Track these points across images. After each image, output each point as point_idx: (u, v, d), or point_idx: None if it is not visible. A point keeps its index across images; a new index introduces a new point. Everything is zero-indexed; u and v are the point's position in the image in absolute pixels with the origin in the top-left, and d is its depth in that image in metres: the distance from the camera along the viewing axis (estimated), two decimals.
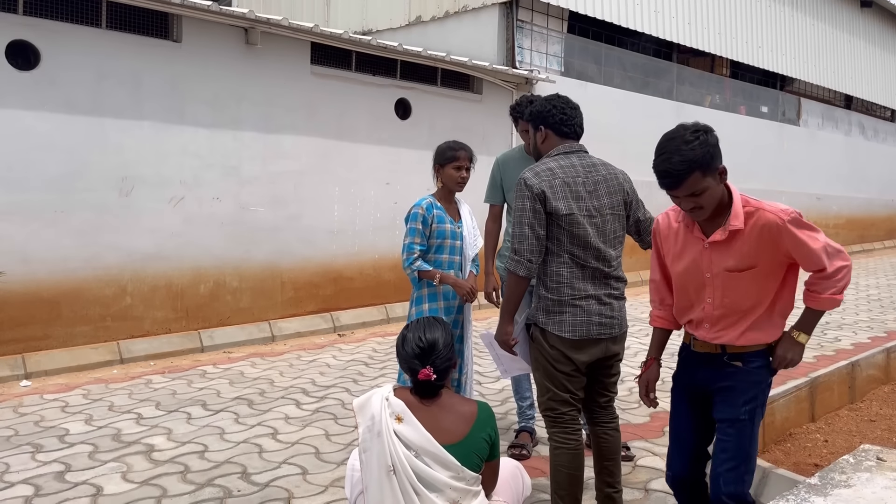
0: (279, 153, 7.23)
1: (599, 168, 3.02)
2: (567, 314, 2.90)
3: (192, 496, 3.42)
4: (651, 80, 12.31)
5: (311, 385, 5.36)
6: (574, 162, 2.98)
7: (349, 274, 7.84)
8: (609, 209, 2.98)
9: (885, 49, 19.26)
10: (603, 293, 2.94)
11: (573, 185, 2.91)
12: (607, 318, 2.95)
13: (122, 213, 6.17)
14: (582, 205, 2.91)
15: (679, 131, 2.43)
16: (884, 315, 8.23)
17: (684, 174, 2.37)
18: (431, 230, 3.74)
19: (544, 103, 3.11)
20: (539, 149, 3.14)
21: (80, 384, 5.34)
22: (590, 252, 2.91)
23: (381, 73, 8.10)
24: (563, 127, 3.06)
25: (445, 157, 3.79)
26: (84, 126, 5.95)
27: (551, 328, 2.92)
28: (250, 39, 6.90)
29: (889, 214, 19.81)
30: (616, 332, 3.00)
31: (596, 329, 2.92)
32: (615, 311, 2.99)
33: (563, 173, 2.92)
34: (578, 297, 2.90)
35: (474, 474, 2.33)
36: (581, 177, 2.95)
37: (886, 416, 5.23)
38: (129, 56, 6.17)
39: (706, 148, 2.37)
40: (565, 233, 2.89)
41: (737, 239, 2.47)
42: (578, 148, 3.06)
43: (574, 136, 3.08)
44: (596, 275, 2.94)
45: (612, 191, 3.00)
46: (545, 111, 3.08)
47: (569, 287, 2.91)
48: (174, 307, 6.51)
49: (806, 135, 16.14)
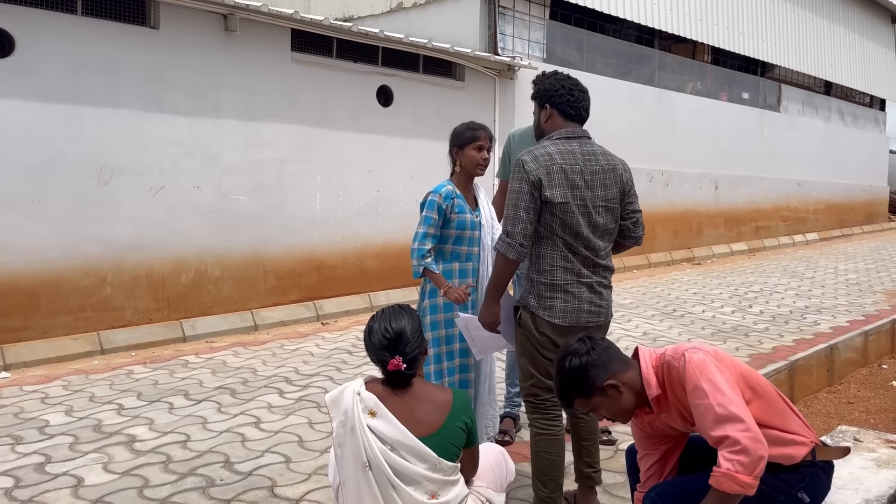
0: (260, 141, 7.17)
1: (599, 157, 2.93)
2: (558, 300, 2.87)
3: (174, 486, 3.40)
4: (633, 66, 12.32)
5: (295, 374, 5.34)
6: (574, 148, 2.90)
7: (332, 262, 7.82)
8: (602, 201, 2.91)
9: (864, 35, 19.40)
10: (594, 280, 2.92)
11: (570, 172, 2.84)
12: (596, 307, 2.93)
13: (100, 203, 6.11)
14: (577, 193, 2.84)
15: (559, 356, 2.40)
16: (862, 299, 8.33)
17: (568, 402, 2.39)
18: (451, 221, 3.47)
19: (553, 82, 3.00)
20: (542, 127, 3.03)
21: (60, 375, 5.30)
22: (580, 241, 2.88)
23: (363, 60, 8.05)
24: (570, 109, 2.96)
25: (465, 137, 3.53)
26: (61, 114, 5.87)
27: (542, 313, 2.89)
28: (229, 26, 6.82)
29: (868, 200, 20.03)
30: (602, 321, 2.99)
31: (585, 317, 2.90)
32: (604, 299, 2.97)
33: (562, 160, 2.85)
34: (571, 283, 2.87)
35: (452, 464, 2.32)
36: (579, 164, 2.87)
37: (864, 398, 5.31)
38: (106, 43, 6.09)
39: (578, 375, 2.32)
40: (558, 220, 2.85)
41: (666, 405, 2.35)
42: (581, 133, 2.97)
43: (579, 119, 2.99)
44: (587, 263, 2.91)
45: (608, 182, 2.92)
46: (553, 90, 2.97)
47: (562, 271, 2.87)
48: (155, 297, 6.47)
49: (786, 121, 16.25)
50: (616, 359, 2.36)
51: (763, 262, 12.56)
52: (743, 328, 6.79)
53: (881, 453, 2.77)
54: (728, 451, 2.05)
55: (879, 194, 21.08)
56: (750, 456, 2.03)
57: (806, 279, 10.15)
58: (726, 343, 6.16)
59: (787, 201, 16.13)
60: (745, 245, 14.22)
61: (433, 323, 3.51)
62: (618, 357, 2.38)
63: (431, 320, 3.51)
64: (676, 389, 2.28)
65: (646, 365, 2.35)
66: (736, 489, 2.03)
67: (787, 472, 2.26)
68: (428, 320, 3.49)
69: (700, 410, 2.16)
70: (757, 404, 2.22)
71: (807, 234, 16.41)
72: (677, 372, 2.26)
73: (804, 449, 2.29)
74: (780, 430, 2.25)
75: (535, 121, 3.12)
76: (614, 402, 2.33)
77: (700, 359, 2.23)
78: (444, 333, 3.53)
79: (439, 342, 3.50)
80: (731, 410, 2.09)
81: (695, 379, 2.18)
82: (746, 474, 2.02)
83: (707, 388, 2.15)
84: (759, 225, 15.09)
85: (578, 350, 2.34)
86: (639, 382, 2.34)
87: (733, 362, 2.35)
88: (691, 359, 2.23)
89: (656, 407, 2.34)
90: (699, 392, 2.16)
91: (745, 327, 6.83)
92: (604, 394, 2.31)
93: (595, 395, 2.32)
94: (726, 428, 2.07)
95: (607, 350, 2.36)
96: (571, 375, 2.32)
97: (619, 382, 2.31)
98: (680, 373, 2.24)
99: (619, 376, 2.32)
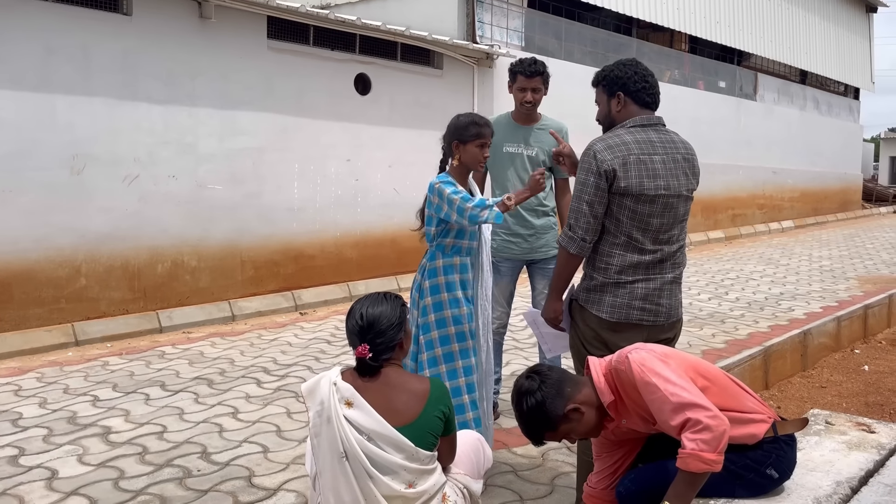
0: (237, 130, 7.10)
1: (679, 146, 2.78)
2: (608, 294, 2.73)
3: (150, 477, 3.38)
4: (611, 55, 12.34)
5: (273, 364, 5.32)
6: (652, 137, 2.74)
7: (310, 252, 7.77)
8: (686, 190, 2.76)
9: (838, 25, 19.60)
10: (653, 277, 2.74)
11: (649, 162, 2.68)
12: (652, 305, 2.73)
13: (73, 193, 6.02)
14: (660, 183, 2.68)
15: (513, 399, 2.38)
16: (835, 285, 8.45)
17: (538, 439, 2.38)
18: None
19: (624, 68, 2.80)
20: (613, 117, 2.82)
21: (34, 367, 5.23)
22: (649, 235, 2.72)
23: (340, 48, 7.99)
24: (646, 96, 2.78)
25: (469, 133, 3.29)
26: (32, 103, 5.76)
27: (589, 307, 2.77)
28: (204, 13, 6.73)
29: (842, 187, 20.30)
30: (662, 321, 2.77)
31: (637, 314, 2.72)
32: (664, 297, 2.76)
33: (639, 149, 2.68)
34: (624, 281, 2.72)
35: (429, 454, 2.31)
36: (659, 154, 2.71)
37: (836, 383, 5.39)
38: (78, 30, 5.98)
39: (537, 413, 2.31)
40: (628, 212, 2.68)
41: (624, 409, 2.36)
42: (657, 120, 2.80)
43: (654, 106, 2.83)
44: (650, 259, 2.74)
45: (688, 172, 2.78)
46: (625, 77, 2.77)
47: (617, 271, 2.72)
48: (131, 288, 6.40)
49: (762, 109, 16.40)
50: (568, 383, 2.36)
51: (739, 249, 12.69)
52: (719, 315, 6.87)
53: (852, 436, 2.82)
54: (690, 432, 2.09)
55: (853, 182, 21.39)
56: (712, 432, 2.07)
57: (781, 266, 10.28)
58: (703, 329, 6.22)
59: (763, 189, 16.29)
60: (721, 233, 14.36)
61: (436, 304, 3.28)
62: (570, 380, 2.38)
63: (433, 301, 3.28)
64: (630, 392, 2.30)
65: (597, 375, 2.36)
66: (702, 467, 2.07)
67: (754, 451, 2.30)
68: (429, 301, 3.28)
69: (657, 405, 2.19)
70: (711, 391, 2.25)
71: (782, 222, 16.60)
72: (625, 375, 2.28)
73: (764, 426, 2.34)
74: (738, 412, 2.28)
75: (602, 110, 2.90)
76: (580, 424, 2.35)
77: (642, 356, 2.25)
78: (451, 314, 3.29)
79: (445, 323, 3.28)
80: (684, 397, 2.13)
81: (642, 376, 2.21)
82: (711, 451, 2.06)
83: (657, 381, 2.18)
84: (735, 213, 15.23)
85: (531, 388, 2.33)
86: (595, 397, 2.34)
87: (679, 355, 2.38)
88: (634, 359, 2.25)
89: (615, 413, 2.36)
90: (651, 387, 2.19)
91: (722, 314, 6.90)
92: (567, 420, 2.33)
93: (560, 424, 2.33)
94: (685, 413, 2.10)
95: (558, 378, 2.36)
96: (532, 415, 2.33)
97: (578, 405, 2.32)
98: (628, 375, 2.26)
99: (576, 398, 2.33)
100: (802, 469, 2.49)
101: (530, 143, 4.03)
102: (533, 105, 3.98)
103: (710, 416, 2.10)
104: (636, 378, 2.23)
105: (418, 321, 3.29)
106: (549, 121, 4.08)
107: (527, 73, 3.94)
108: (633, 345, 2.38)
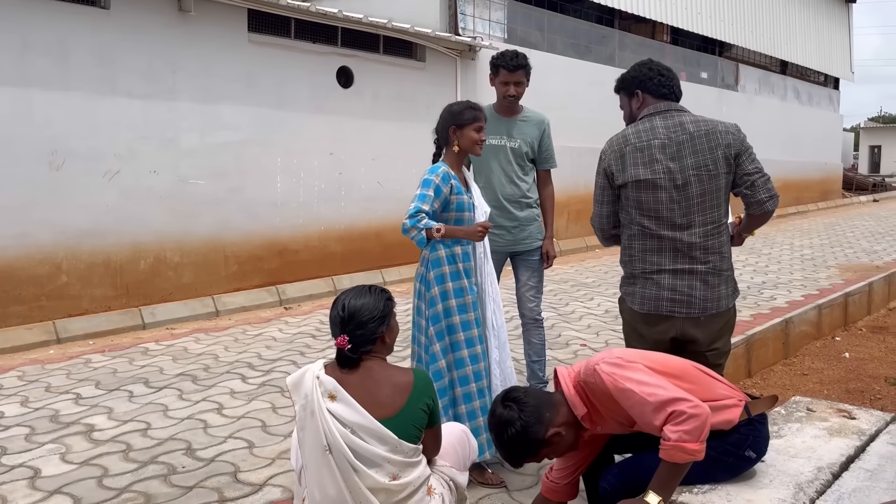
0: (218, 124, 7.04)
1: (687, 125, 2.78)
2: (638, 286, 2.85)
3: (134, 475, 3.36)
4: (594, 46, 12.37)
5: (257, 359, 5.30)
6: (656, 124, 2.81)
7: (294, 246, 7.74)
8: (693, 169, 2.73)
9: (819, 16, 19.74)
10: (680, 266, 2.75)
11: (647, 148, 2.76)
12: (682, 295, 2.74)
13: (53, 189, 5.95)
14: (657, 167, 2.74)
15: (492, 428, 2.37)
16: (816, 274, 8.53)
17: (519, 464, 2.40)
18: (451, 203, 3.27)
19: (638, 68, 2.94)
20: (634, 115, 2.94)
21: (15, 366, 5.17)
22: (662, 222, 2.75)
23: (322, 41, 7.94)
24: (663, 88, 2.89)
25: (465, 117, 3.31)
26: (8, 97, 5.69)
27: (627, 298, 2.91)
28: (183, 6, 6.66)
29: (822, 177, 20.47)
30: (695, 313, 2.75)
31: (667, 305, 2.75)
32: (695, 288, 2.75)
33: (637, 138, 2.79)
34: (649, 272, 2.78)
35: (413, 446, 2.30)
36: (659, 139, 2.76)
37: (818, 370, 5.45)
38: (55, 24, 5.90)
39: (519, 442, 2.30)
40: (633, 202, 2.78)
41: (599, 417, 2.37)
42: (666, 108, 2.86)
43: (673, 97, 2.91)
44: (672, 246, 2.75)
45: (701, 148, 2.74)
46: (640, 75, 2.92)
47: (640, 261, 2.82)
48: (113, 284, 6.34)
49: (744, 100, 16.49)
50: (545, 405, 2.34)
51: None
52: None
53: (833, 422, 2.85)
54: (672, 424, 2.12)
55: (834, 172, 21.57)
56: (696, 421, 2.10)
57: (763, 255, 10.36)
58: None
59: None
60: None
61: (442, 294, 3.24)
62: (545, 402, 2.36)
63: (440, 290, 3.25)
64: (605, 402, 2.31)
65: (567, 388, 2.37)
66: (686, 458, 2.10)
67: (731, 435, 2.34)
68: (436, 291, 3.24)
69: (637, 409, 2.20)
70: (683, 385, 2.27)
71: None
72: (597, 386, 2.29)
73: (738, 410, 2.37)
74: (712, 401, 2.31)
75: (625, 112, 3.01)
76: (561, 444, 2.36)
77: (609, 367, 2.27)
78: (455, 303, 3.26)
79: (451, 312, 3.25)
80: (662, 395, 2.15)
81: (616, 384, 2.22)
82: (693, 441, 2.10)
83: (631, 386, 2.20)
84: None
85: (510, 418, 2.30)
86: (571, 414, 2.34)
87: (644, 355, 2.40)
88: (603, 370, 2.26)
89: (589, 424, 2.37)
90: (627, 393, 2.21)
91: None
92: (549, 444, 2.34)
93: (542, 449, 2.34)
94: (666, 409, 2.13)
95: (535, 404, 2.34)
96: (514, 445, 2.32)
97: (557, 428, 2.32)
98: (600, 386, 2.27)
99: (555, 422, 2.33)
100: (784, 455, 2.52)
101: (513, 135, 4.04)
102: (515, 98, 3.99)
103: (692, 405, 2.13)
104: (610, 388, 2.24)
105: (426, 313, 3.26)
106: (531, 112, 4.10)
107: (509, 67, 3.94)
108: (597, 355, 2.38)
